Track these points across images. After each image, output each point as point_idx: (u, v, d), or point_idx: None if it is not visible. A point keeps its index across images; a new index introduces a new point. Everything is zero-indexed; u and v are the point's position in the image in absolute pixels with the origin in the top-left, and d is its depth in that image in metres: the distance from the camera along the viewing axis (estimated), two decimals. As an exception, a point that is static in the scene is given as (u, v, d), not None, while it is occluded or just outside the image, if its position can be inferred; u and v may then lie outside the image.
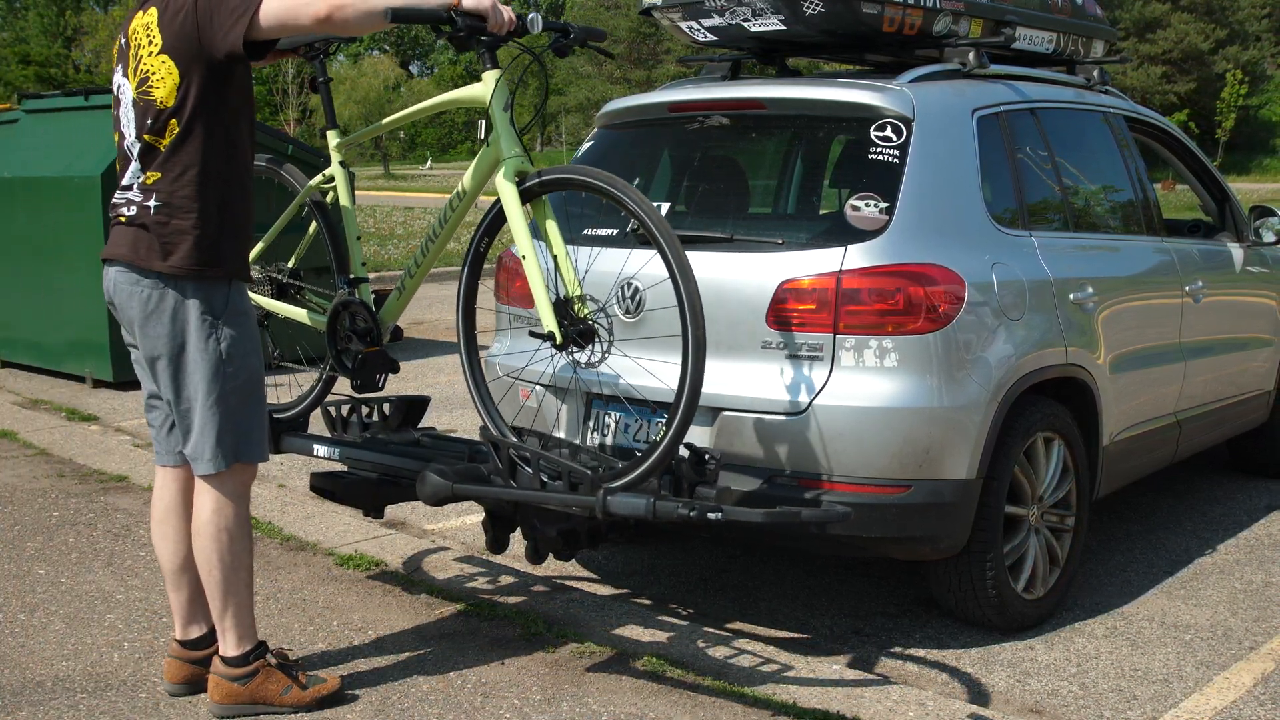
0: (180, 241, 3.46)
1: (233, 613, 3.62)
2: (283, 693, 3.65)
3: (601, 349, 3.79)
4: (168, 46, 3.44)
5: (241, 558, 3.62)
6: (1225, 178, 6.52)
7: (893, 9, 4.62)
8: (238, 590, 3.62)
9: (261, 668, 3.64)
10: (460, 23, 3.78)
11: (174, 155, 3.47)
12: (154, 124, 3.47)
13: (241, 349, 3.56)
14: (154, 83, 3.45)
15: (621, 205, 3.67)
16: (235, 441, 3.58)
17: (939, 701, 3.82)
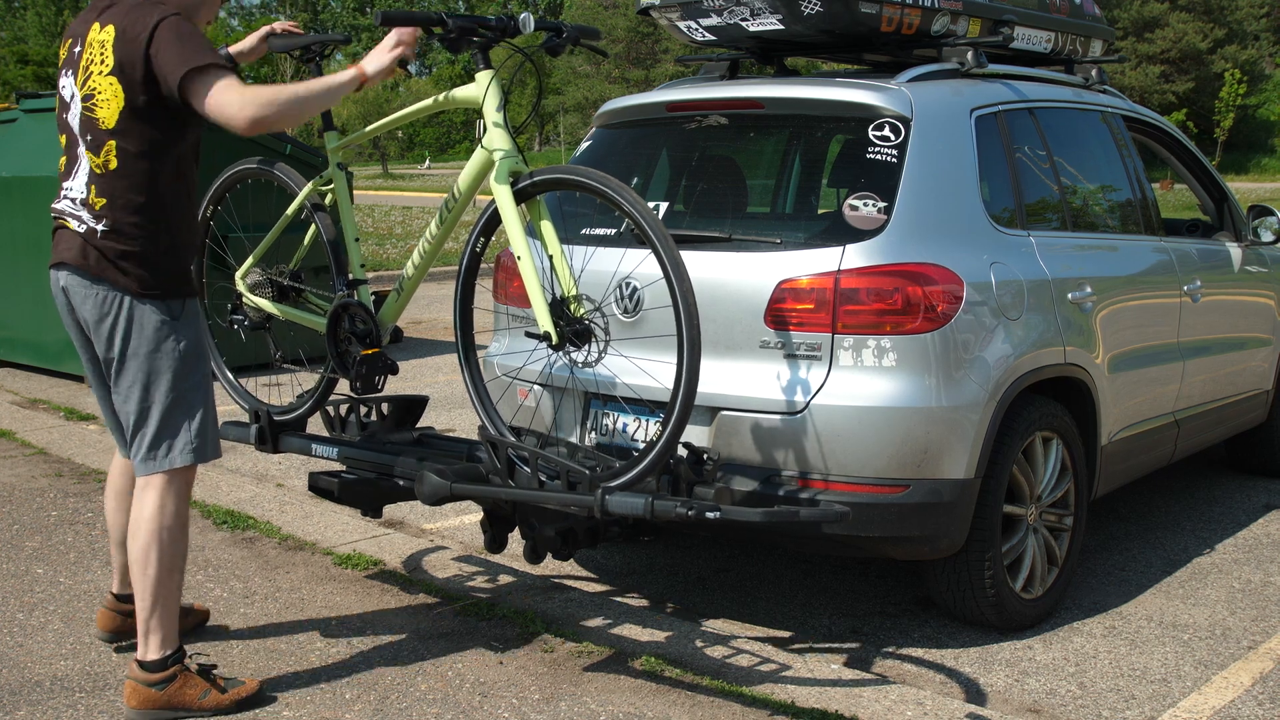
0: (130, 266, 3.57)
1: (159, 615, 3.61)
2: (201, 697, 3.62)
3: (598, 348, 3.79)
4: (117, 69, 3.50)
5: (177, 560, 3.64)
6: (1223, 177, 6.52)
7: (890, 8, 4.62)
8: (168, 593, 3.62)
9: (179, 673, 3.63)
10: (451, 24, 3.79)
11: (119, 182, 3.55)
12: (94, 141, 3.56)
13: (193, 353, 3.66)
14: (99, 101, 3.53)
15: (615, 205, 3.67)
16: (184, 442, 3.64)
17: (937, 701, 3.82)
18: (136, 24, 3.49)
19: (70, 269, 3.61)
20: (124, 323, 3.58)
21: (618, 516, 3.66)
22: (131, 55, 3.48)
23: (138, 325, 3.58)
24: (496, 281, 5.00)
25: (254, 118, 3.43)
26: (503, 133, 3.86)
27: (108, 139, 3.54)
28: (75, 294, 3.62)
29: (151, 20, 3.48)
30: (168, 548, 3.60)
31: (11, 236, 9.39)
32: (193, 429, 3.65)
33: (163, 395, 3.61)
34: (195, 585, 4.74)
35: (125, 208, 3.55)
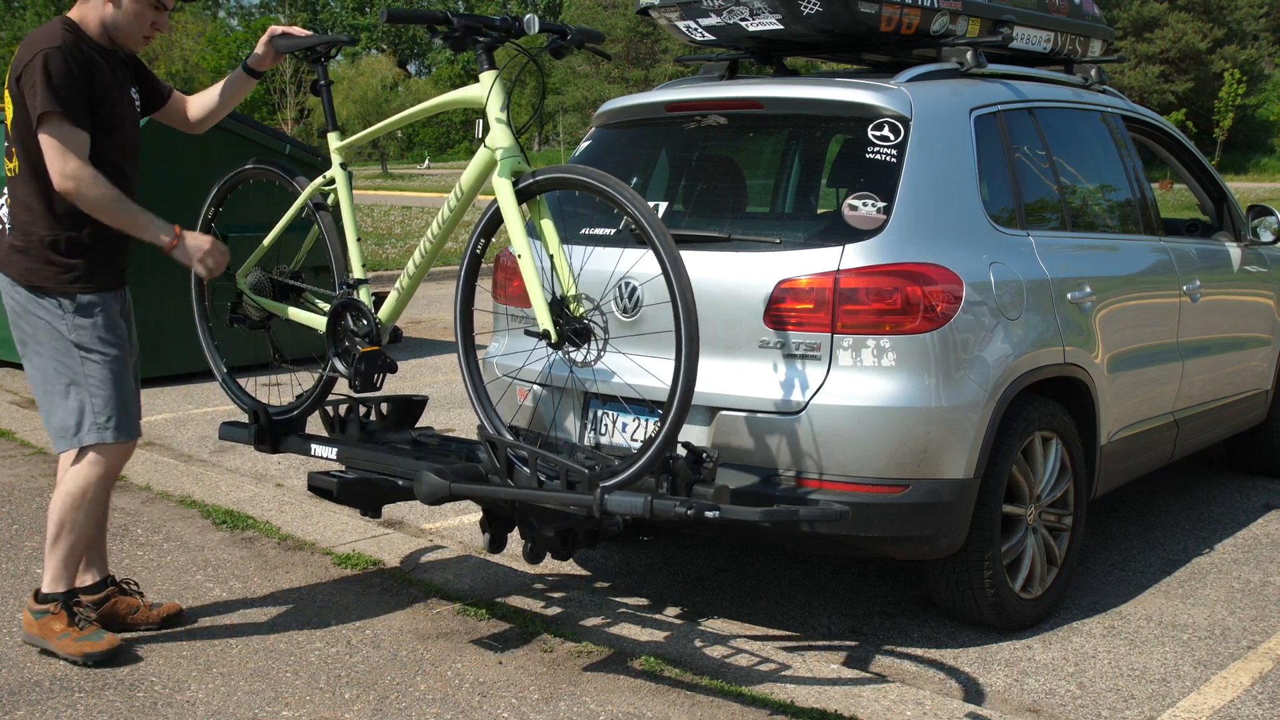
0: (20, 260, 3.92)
1: (56, 560, 4.01)
2: (59, 636, 3.99)
3: (597, 348, 3.79)
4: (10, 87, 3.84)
5: (80, 526, 3.99)
6: (1223, 177, 6.53)
7: (890, 8, 4.62)
8: (65, 546, 4.00)
9: (54, 609, 4.01)
10: (455, 23, 3.80)
11: (16, 184, 3.92)
12: (7, 146, 3.94)
13: (93, 338, 3.93)
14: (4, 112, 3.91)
15: (616, 204, 3.67)
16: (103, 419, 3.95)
17: (936, 701, 3.82)
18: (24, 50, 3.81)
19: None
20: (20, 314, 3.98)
21: (617, 516, 3.65)
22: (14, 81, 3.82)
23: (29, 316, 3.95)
24: (496, 281, 5.00)
25: (70, 191, 3.79)
26: (505, 132, 3.86)
27: (11, 146, 3.91)
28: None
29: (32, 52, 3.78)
30: (71, 512, 3.97)
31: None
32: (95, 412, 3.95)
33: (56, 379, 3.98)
34: (195, 585, 4.74)
35: (20, 207, 3.92)
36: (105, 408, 3.95)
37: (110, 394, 3.96)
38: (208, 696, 3.79)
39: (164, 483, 6.14)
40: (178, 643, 4.19)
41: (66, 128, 3.77)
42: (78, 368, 3.93)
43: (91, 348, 3.94)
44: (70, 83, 3.78)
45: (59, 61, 3.77)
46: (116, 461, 4.03)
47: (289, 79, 56.59)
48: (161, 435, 7.42)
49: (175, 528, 5.45)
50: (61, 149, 3.76)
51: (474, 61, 3.99)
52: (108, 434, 3.96)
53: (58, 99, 3.74)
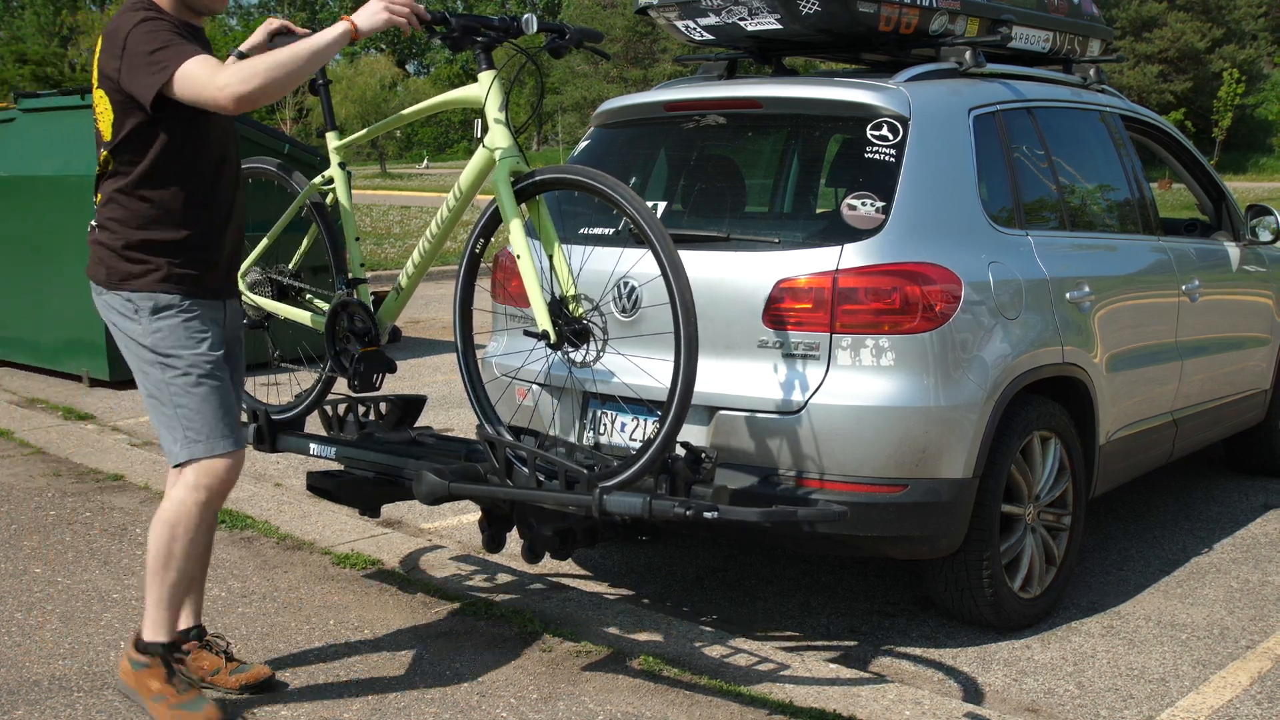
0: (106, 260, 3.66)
1: (153, 600, 3.62)
2: (154, 698, 3.60)
3: (596, 348, 3.79)
4: (102, 84, 3.55)
5: (178, 561, 3.57)
6: (1221, 176, 6.53)
7: (889, 8, 4.62)
8: (163, 585, 3.59)
9: (153, 664, 3.62)
10: (454, 23, 3.79)
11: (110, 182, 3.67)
12: (98, 148, 3.67)
13: (174, 344, 3.58)
14: (99, 114, 3.59)
15: (615, 204, 3.67)
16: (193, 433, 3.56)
17: (935, 700, 3.82)
18: (112, 42, 3.47)
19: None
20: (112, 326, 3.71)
21: (616, 516, 3.65)
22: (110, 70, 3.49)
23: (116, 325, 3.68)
24: (494, 281, 5.00)
25: (238, 95, 3.31)
26: (504, 132, 3.86)
27: (106, 148, 3.62)
28: None
29: (120, 39, 3.44)
30: (166, 542, 3.56)
31: (9, 236, 9.39)
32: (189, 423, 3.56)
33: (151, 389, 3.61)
34: (193, 585, 4.73)
35: (109, 204, 3.67)
36: (194, 418, 3.54)
37: (197, 405, 3.55)
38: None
39: (163, 482, 6.12)
40: (176, 642, 4.19)
41: (189, 63, 3.35)
42: (159, 375, 3.57)
43: (176, 353, 3.56)
44: (169, 37, 3.40)
45: (148, 29, 3.41)
46: (215, 482, 3.56)
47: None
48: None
49: (174, 527, 5.44)
50: (197, 75, 3.34)
51: (473, 61, 3.99)
52: (198, 447, 3.54)
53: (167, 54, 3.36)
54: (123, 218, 3.62)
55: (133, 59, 3.40)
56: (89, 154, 8.69)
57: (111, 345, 8.54)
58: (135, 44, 3.40)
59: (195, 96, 3.36)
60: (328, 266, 4.49)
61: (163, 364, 3.57)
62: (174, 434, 3.57)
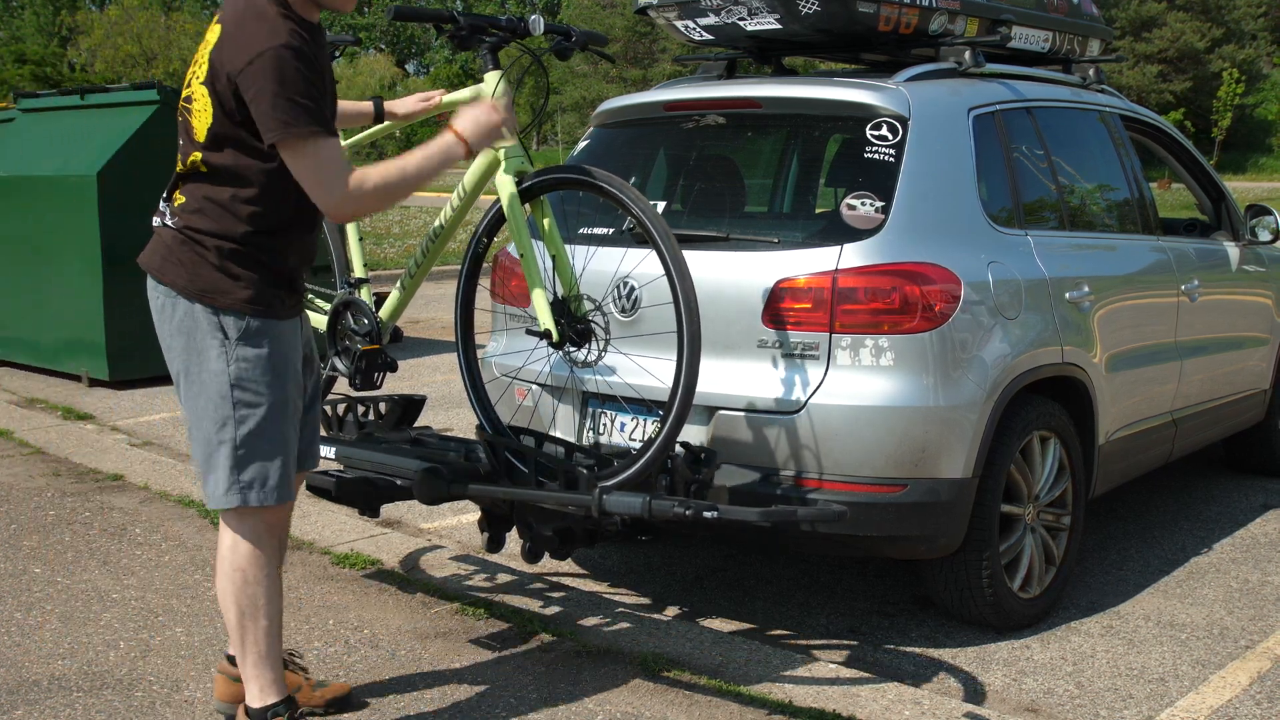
0: (194, 265, 3.22)
1: (252, 661, 3.31)
2: None
3: (598, 348, 3.80)
4: (209, 82, 3.14)
5: (260, 602, 3.29)
6: (1221, 176, 6.53)
7: (888, 8, 4.62)
8: (256, 638, 3.30)
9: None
10: (462, 22, 3.80)
11: (202, 186, 3.23)
12: (185, 145, 3.24)
13: (254, 378, 3.22)
14: (194, 110, 3.19)
15: (620, 204, 3.68)
16: (248, 478, 3.24)
17: (935, 700, 3.82)
18: (237, 44, 3.09)
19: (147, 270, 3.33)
20: (177, 333, 3.26)
21: (615, 516, 3.65)
22: (224, 77, 3.10)
23: (190, 337, 3.24)
24: (494, 281, 5.00)
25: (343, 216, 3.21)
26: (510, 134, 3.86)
27: (198, 150, 3.20)
28: (148, 295, 3.34)
29: (253, 49, 3.05)
30: (242, 590, 3.28)
31: (8, 236, 9.39)
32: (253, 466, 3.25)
33: (215, 422, 3.23)
34: (192, 585, 4.74)
35: (197, 211, 3.22)
36: (249, 464, 3.22)
37: (259, 448, 3.23)
38: (206, 696, 3.79)
39: (162, 482, 6.13)
40: (176, 643, 4.19)
41: (321, 143, 3.08)
42: (229, 411, 3.20)
43: (251, 388, 3.21)
44: (310, 89, 3.07)
45: (294, 64, 3.04)
46: (264, 529, 3.31)
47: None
48: (160, 435, 7.41)
49: (174, 527, 5.45)
50: (322, 171, 3.09)
51: (472, 61, 4.00)
52: (250, 495, 3.23)
53: (307, 114, 3.05)
54: (213, 228, 3.21)
55: (267, 85, 3.04)
56: (89, 154, 8.72)
57: (111, 345, 8.56)
58: (278, 71, 3.03)
59: (303, 178, 3.12)
60: (329, 266, 4.49)
61: (239, 400, 3.20)
62: (223, 474, 3.23)
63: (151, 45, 49.87)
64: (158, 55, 48.98)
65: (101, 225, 8.48)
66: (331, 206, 3.15)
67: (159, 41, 49.90)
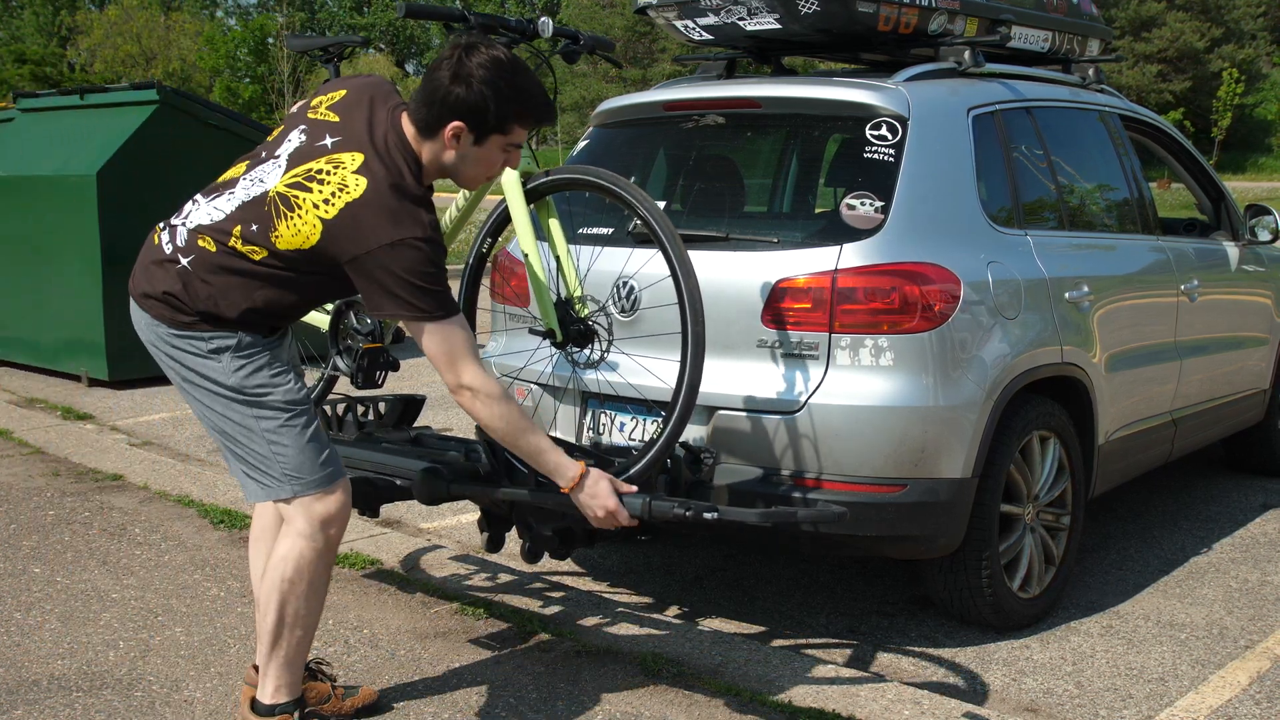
0: (192, 303, 3.18)
1: (276, 663, 3.33)
2: None
3: (601, 349, 3.80)
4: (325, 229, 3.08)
5: (300, 616, 3.30)
6: (1220, 176, 6.53)
7: (888, 8, 4.62)
8: (288, 645, 3.31)
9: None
10: (472, 20, 3.80)
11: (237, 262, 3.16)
12: (255, 232, 3.13)
13: (258, 381, 3.23)
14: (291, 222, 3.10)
15: (626, 205, 3.69)
16: (292, 469, 3.24)
17: (934, 700, 3.82)
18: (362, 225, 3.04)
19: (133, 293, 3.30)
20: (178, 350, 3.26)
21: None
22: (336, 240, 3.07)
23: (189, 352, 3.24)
24: (494, 281, 4.99)
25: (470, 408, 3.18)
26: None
27: (267, 249, 3.13)
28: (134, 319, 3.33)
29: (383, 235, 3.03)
30: (286, 600, 3.28)
31: (8, 236, 9.39)
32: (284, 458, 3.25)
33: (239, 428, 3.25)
34: (192, 584, 4.74)
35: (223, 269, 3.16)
36: (295, 456, 3.23)
37: (296, 441, 3.23)
38: (205, 696, 3.79)
39: (162, 482, 6.13)
40: (175, 642, 4.19)
41: (454, 330, 3.11)
42: (247, 414, 3.22)
43: (259, 389, 3.22)
44: (442, 275, 3.10)
45: (430, 257, 3.06)
46: (332, 519, 3.29)
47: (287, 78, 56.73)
48: (159, 435, 7.41)
49: (173, 527, 5.45)
50: (454, 356, 3.12)
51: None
52: (310, 483, 3.25)
53: (440, 302, 3.07)
54: (224, 290, 3.16)
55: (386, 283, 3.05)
56: (89, 154, 8.72)
57: (111, 345, 8.56)
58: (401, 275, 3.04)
59: (437, 360, 3.13)
60: None
61: (252, 402, 3.21)
62: (269, 470, 3.24)
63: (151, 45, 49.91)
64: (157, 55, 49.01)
65: (101, 225, 8.49)
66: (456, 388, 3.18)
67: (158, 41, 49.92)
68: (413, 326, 3.13)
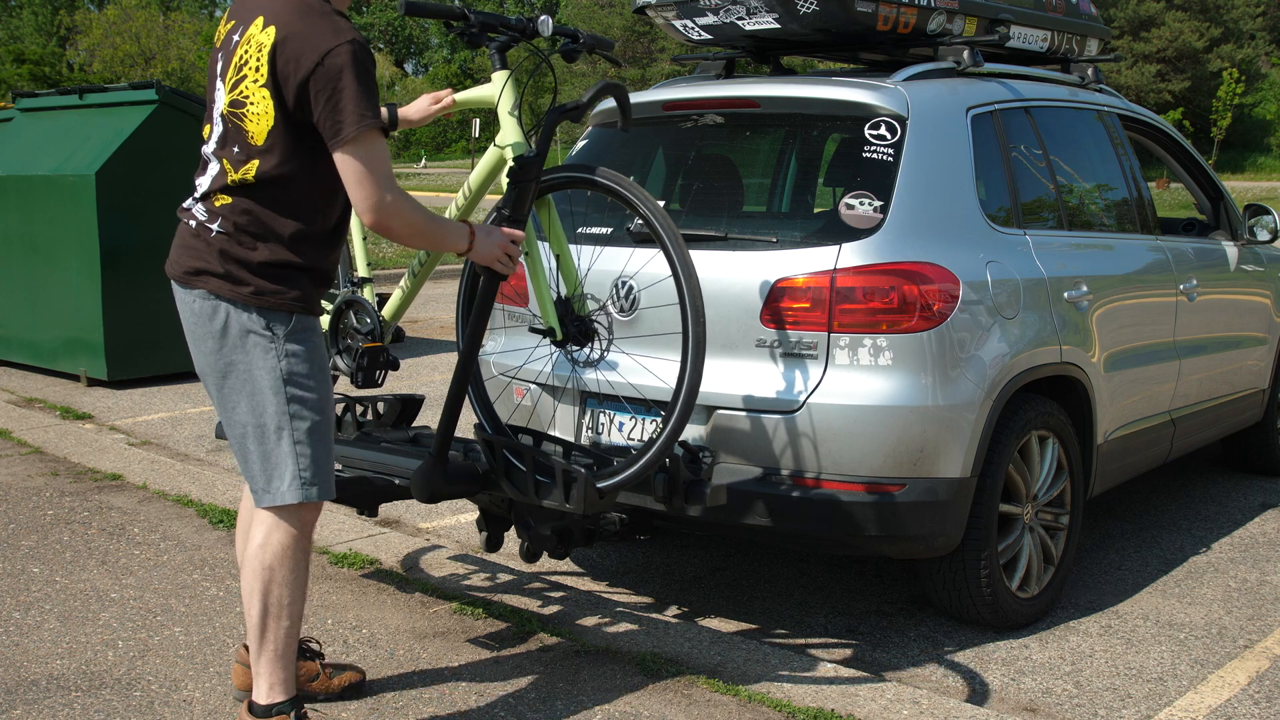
0: (238, 270, 3.21)
1: (267, 658, 3.31)
2: None
3: (600, 348, 3.80)
4: (272, 85, 3.13)
5: (285, 604, 3.29)
6: (1219, 176, 6.53)
7: (887, 7, 4.62)
8: (276, 638, 3.29)
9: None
10: (473, 18, 3.80)
11: (251, 192, 3.20)
12: (237, 153, 3.20)
13: (305, 372, 3.26)
14: (249, 114, 3.17)
15: (629, 204, 3.69)
16: (309, 474, 3.27)
17: (933, 700, 3.82)
18: (301, 43, 3.09)
19: (173, 275, 3.32)
20: (219, 334, 3.24)
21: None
22: (287, 77, 3.11)
23: (235, 337, 3.22)
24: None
25: (380, 224, 3.17)
26: (517, 131, 3.86)
27: (255, 156, 3.18)
28: (177, 300, 3.32)
29: (323, 46, 3.07)
30: (270, 587, 3.27)
31: (7, 236, 9.39)
32: (305, 462, 3.27)
33: (266, 419, 3.24)
34: (191, 584, 4.74)
35: (245, 213, 3.20)
36: (311, 461, 3.25)
37: (318, 442, 3.27)
38: (204, 695, 3.79)
39: (161, 482, 6.13)
40: (174, 642, 4.19)
41: (379, 146, 3.14)
42: (284, 407, 3.22)
43: (303, 383, 3.24)
44: (374, 85, 3.13)
45: (363, 58, 3.10)
46: (304, 527, 3.31)
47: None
48: (158, 434, 7.41)
49: (172, 527, 5.45)
50: (373, 176, 3.12)
51: (471, 61, 4.00)
52: (313, 491, 3.26)
53: (372, 107, 3.09)
54: (262, 232, 3.21)
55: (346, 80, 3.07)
56: (88, 153, 8.72)
57: (110, 344, 8.56)
58: (355, 66, 3.08)
59: (359, 176, 3.12)
60: None
61: (292, 395, 3.22)
62: (282, 471, 3.24)
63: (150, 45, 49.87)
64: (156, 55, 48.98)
65: (100, 225, 8.49)
66: (377, 208, 3.15)
67: (157, 41, 49.88)
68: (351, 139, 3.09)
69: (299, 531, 3.30)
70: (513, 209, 3.68)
